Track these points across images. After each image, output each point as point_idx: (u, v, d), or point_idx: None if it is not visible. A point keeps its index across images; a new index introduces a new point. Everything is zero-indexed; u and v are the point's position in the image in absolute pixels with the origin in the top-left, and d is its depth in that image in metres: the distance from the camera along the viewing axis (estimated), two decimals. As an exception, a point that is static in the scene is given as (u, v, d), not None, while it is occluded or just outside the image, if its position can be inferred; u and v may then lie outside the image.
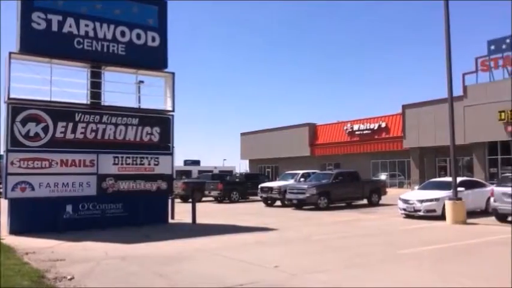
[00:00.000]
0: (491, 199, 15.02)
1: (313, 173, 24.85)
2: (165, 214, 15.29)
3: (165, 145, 15.25)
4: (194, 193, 25.14)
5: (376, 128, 39.90)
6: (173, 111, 15.45)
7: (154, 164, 14.93)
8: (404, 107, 36.72)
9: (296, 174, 25.22)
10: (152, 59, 15.12)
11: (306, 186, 21.08)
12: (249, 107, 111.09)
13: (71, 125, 13.55)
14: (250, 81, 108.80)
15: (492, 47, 29.87)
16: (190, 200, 20.52)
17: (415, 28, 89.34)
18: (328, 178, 21.84)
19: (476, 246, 10.33)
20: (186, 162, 44.54)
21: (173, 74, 15.50)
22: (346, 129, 42.61)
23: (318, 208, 20.23)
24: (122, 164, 14.35)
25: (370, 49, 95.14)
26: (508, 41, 29.04)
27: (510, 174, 18.04)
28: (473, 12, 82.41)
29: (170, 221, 15.71)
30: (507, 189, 14.46)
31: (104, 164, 14.00)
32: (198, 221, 15.44)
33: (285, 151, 47.94)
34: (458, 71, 32.59)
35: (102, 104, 14.47)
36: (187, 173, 38.82)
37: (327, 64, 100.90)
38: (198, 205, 17.96)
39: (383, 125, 39.38)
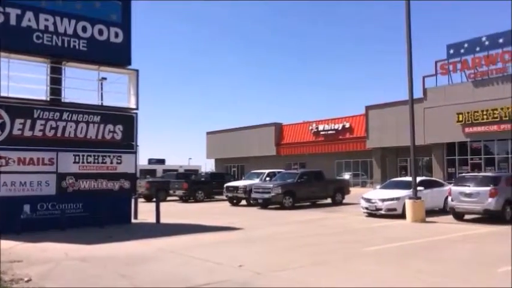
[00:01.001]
0: (449, 198, 15.54)
1: (279, 172, 24.98)
2: (128, 214, 15.00)
3: (128, 143, 14.96)
4: (158, 192, 24.75)
5: (340, 128, 40.57)
6: (137, 109, 15.18)
7: (117, 163, 14.61)
8: (367, 108, 37.49)
9: (262, 173, 25.28)
10: (115, 55, 14.79)
11: (271, 185, 21.18)
12: (216, 106, 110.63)
13: (29, 121, 13.07)
14: (216, 80, 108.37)
15: (451, 51, 30.94)
16: (154, 199, 20.21)
17: (379, 31, 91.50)
18: (293, 177, 22.02)
19: (435, 244, 10.66)
20: (150, 161, 43.75)
21: (137, 71, 15.22)
22: (312, 129, 43.11)
23: (283, 207, 20.36)
24: (82, 162, 13.97)
25: (335, 51, 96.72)
26: (466, 45, 30.15)
27: (467, 174, 18.71)
28: (434, 17, 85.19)
29: (133, 220, 15.43)
30: (464, 189, 15.02)
31: (64, 162, 13.59)
32: (163, 220, 15.23)
33: (251, 150, 48.03)
34: (419, 74, 33.55)
35: (63, 100, 14.04)
36: (152, 172, 38.17)
37: (293, 64, 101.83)
38: (163, 205, 17.72)
39: (347, 125, 40.10)
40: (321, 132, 42.15)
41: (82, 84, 15.04)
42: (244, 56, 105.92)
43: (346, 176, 39.20)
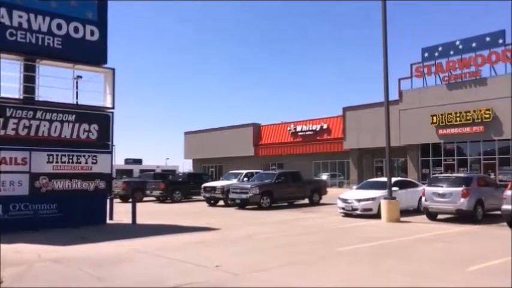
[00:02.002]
0: (423, 198, 15.86)
1: (257, 172, 25.03)
2: (103, 214, 14.80)
3: (104, 143, 14.76)
4: (135, 193, 24.54)
5: (318, 129, 40.91)
6: (113, 108, 14.99)
7: (92, 163, 14.40)
8: (344, 109, 37.90)
9: (239, 174, 25.28)
10: (91, 53, 14.58)
11: (249, 186, 21.20)
12: (193, 107, 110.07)
13: (1, 120, 12.75)
14: (194, 80, 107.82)
15: (426, 54, 31.57)
16: (130, 200, 19.99)
17: (357, 33, 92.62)
18: (271, 178, 22.09)
19: (408, 243, 10.87)
20: (127, 161, 43.35)
21: (113, 69, 15.03)
22: (290, 129, 43.33)
23: (260, 208, 20.41)
24: (56, 162, 13.71)
25: (313, 52, 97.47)
26: (440, 49, 30.81)
27: (440, 175, 19.13)
28: (410, 20, 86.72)
29: (109, 221, 15.24)
30: (437, 189, 15.36)
31: (38, 162, 13.31)
32: (139, 221, 15.08)
33: (229, 151, 47.96)
34: (395, 76, 34.07)
35: (37, 99, 13.75)
36: (128, 172, 37.81)
37: (272, 65, 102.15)
38: (139, 205, 17.55)
39: (324, 126, 40.45)
40: (299, 133, 42.41)
41: (57, 83, 14.80)
42: (223, 56, 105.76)
43: (324, 176, 39.56)
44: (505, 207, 13.03)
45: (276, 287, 6.85)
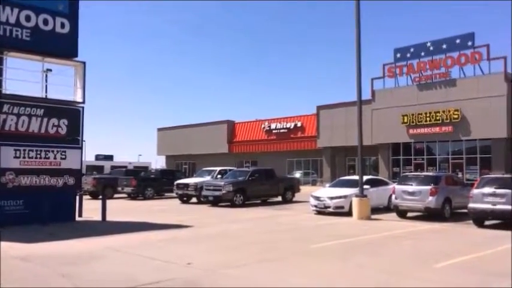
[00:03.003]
0: (393, 196, 16.15)
1: (230, 170, 24.96)
2: (72, 211, 14.49)
3: (73, 138, 14.43)
4: (105, 189, 24.10)
5: (292, 127, 41.13)
6: (83, 102, 14.67)
7: (61, 158, 14.05)
8: (318, 108, 38.22)
9: (213, 171, 25.16)
10: (61, 46, 14.20)
11: (222, 183, 21.11)
12: (167, 102, 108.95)
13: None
14: (168, 75, 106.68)
15: (398, 55, 32.14)
16: (100, 196, 19.62)
17: (330, 33, 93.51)
18: (244, 175, 22.05)
19: (378, 240, 11.04)
20: (97, 157, 42.48)
21: (84, 63, 14.71)
22: (264, 127, 43.41)
23: (233, 205, 20.36)
24: (24, 157, 13.32)
25: (288, 51, 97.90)
26: (412, 50, 31.42)
27: (409, 174, 19.51)
28: (383, 20, 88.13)
29: (78, 218, 14.95)
30: (407, 188, 15.66)
31: (4, 157, 12.90)
32: (109, 218, 14.82)
33: (203, 148, 47.70)
34: (369, 76, 34.55)
35: (3, 92, 13.31)
36: (99, 169, 37.07)
37: (246, 62, 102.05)
38: (110, 202, 17.24)
39: (299, 124, 40.70)
40: (273, 131, 42.55)
41: (25, 76, 14.38)
42: (197, 52, 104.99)
43: (297, 174, 39.82)
44: (472, 205, 13.40)
45: (247, 285, 6.83)
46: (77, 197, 15.28)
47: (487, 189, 13.14)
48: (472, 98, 28.21)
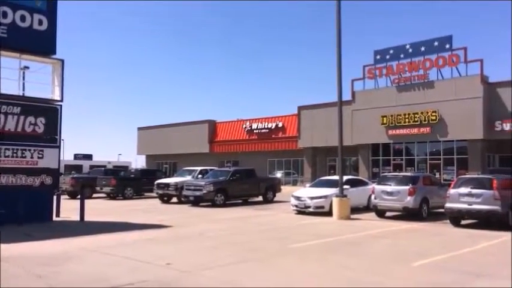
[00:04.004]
0: (373, 196, 16.33)
1: (211, 169, 24.87)
2: (49, 211, 14.26)
3: (51, 137, 14.18)
4: (84, 189, 23.74)
5: (273, 127, 41.19)
6: (61, 100, 14.44)
7: (38, 157, 13.80)
8: (299, 108, 38.37)
9: (194, 170, 25.03)
10: (39, 43, 13.96)
11: (203, 182, 21.01)
12: (148, 102, 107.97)
13: None
14: (149, 74, 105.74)
15: (378, 57, 32.49)
16: (79, 196, 19.33)
17: (312, 34, 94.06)
18: (225, 175, 21.99)
19: (357, 240, 11.14)
20: (76, 157, 41.86)
21: (62, 61, 14.49)
22: (245, 127, 43.37)
23: (214, 205, 20.30)
24: (-1, 156, 13.03)
25: (270, 52, 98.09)
26: (391, 51, 31.81)
27: (388, 174, 19.75)
28: (363, 23, 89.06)
29: (55, 218, 14.71)
30: (385, 188, 15.86)
31: (-22, 156, 12.59)
32: (87, 218, 14.62)
33: (184, 147, 47.40)
34: (349, 77, 34.85)
35: (-22, 89, 13.00)
36: (78, 168, 36.51)
37: (228, 62, 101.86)
38: (89, 202, 17.03)
39: (280, 124, 40.79)
40: (255, 131, 42.54)
41: (1, 73, 14.02)
42: (178, 52, 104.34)
43: (278, 174, 39.90)
44: (448, 205, 13.65)
45: (225, 286, 6.82)
46: (55, 197, 15.02)
47: (463, 189, 13.40)
48: (450, 100, 28.73)
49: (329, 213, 16.06)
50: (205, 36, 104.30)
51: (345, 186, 16.33)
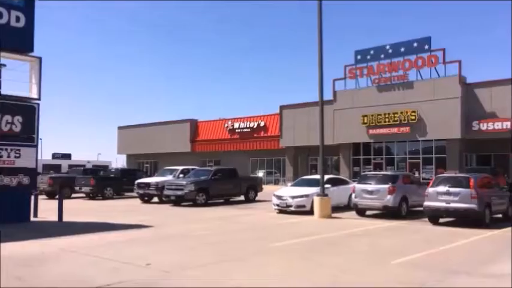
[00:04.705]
0: (353, 195, 16.47)
1: (193, 169, 24.74)
2: (26, 212, 13.97)
3: (28, 136, 13.90)
4: (62, 189, 23.36)
5: (255, 126, 41.22)
6: (39, 99, 14.17)
7: (15, 157, 13.51)
8: (281, 107, 38.50)
9: (175, 170, 24.84)
10: (16, 40, 13.64)
11: (184, 182, 20.88)
12: (128, 101, 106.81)
13: None
14: (129, 73, 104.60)
15: (359, 57, 32.80)
16: (57, 196, 19.01)
17: (295, 34, 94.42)
18: (207, 175, 21.89)
19: (338, 239, 11.23)
20: (54, 156, 41.22)
21: (40, 58, 14.22)
22: (227, 126, 43.29)
23: (196, 204, 20.19)
24: (-26, 155, 12.72)
25: (253, 51, 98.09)
26: (372, 52, 32.15)
27: (369, 173, 19.96)
28: (345, 23, 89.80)
29: (33, 219, 14.44)
30: (366, 186, 16.02)
31: (-48, 155, 12.26)
32: (66, 219, 14.39)
33: (165, 147, 47.06)
34: (330, 77, 35.09)
35: (-47, 87, 12.67)
36: (56, 168, 35.94)
37: (210, 62, 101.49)
38: (67, 202, 16.76)
39: (262, 124, 40.85)
40: (236, 130, 42.51)
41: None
42: (159, 50, 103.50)
43: (260, 173, 39.96)
44: (427, 203, 13.87)
45: (206, 285, 6.79)
46: (32, 197, 14.74)
47: (441, 188, 13.63)
48: (428, 100, 29.20)
49: (310, 212, 16.15)
50: (187, 36, 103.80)
51: (326, 186, 16.44)
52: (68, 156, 41.90)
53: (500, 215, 14.57)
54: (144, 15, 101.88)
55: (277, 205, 17.43)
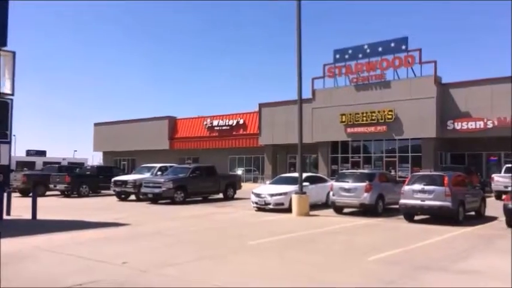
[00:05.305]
0: (331, 193, 16.60)
1: (171, 166, 24.53)
2: (-1, 210, 13.61)
3: (1, 132, 13.53)
4: (36, 186, 22.87)
5: (234, 124, 41.12)
6: (12, 94, 13.80)
7: (-13, 153, 13.14)
8: (260, 105, 38.50)
9: (153, 167, 24.59)
10: (-12, 34, 13.26)
11: (162, 180, 20.69)
12: (105, 97, 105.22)
13: None
14: (105, 69, 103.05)
15: (337, 56, 33.01)
16: (31, 194, 18.60)
17: (273, 33, 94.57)
18: (185, 172, 21.75)
19: (315, 236, 11.31)
20: (28, 153, 40.31)
21: (14, 53, 13.85)
22: (206, 124, 43.06)
23: (174, 202, 20.03)
24: None
25: (232, 49, 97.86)
26: (350, 51, 32.41)
27: (346, 171, 20.15)
28: (324, 22, 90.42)
29: (6, 217, 14.13)
30: (343, 184, 16.17)
31: None
32: (40, 217, 14.09)
33: (143, 144, 46.51)
34: (309, 75, 35.19)
35: None
36: (30, 165, 35.16)
37: (188, 59, 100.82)
38: (42, 200, 16.43)
39: (241, 121, 40.77)
40: (215, 128, 42.32)
41: None
42: (137, 47, 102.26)
43: (239, 171, 39.91)
44: (403, 201, 14.08)
45: (182, 285, 6.73)
46: (5, 195, 14.39)
47: (417, 186, 13.86)
48: (405, 100, 29.62)
49: (289, 210, 16.21)
50: (165, 34, 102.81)
51: (304, 183, 16.52)
52: (42, 153, 41.05)
53: (473, 213, 14.89)
54: (122, 12, 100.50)
55: (256, 203, 17.44)
